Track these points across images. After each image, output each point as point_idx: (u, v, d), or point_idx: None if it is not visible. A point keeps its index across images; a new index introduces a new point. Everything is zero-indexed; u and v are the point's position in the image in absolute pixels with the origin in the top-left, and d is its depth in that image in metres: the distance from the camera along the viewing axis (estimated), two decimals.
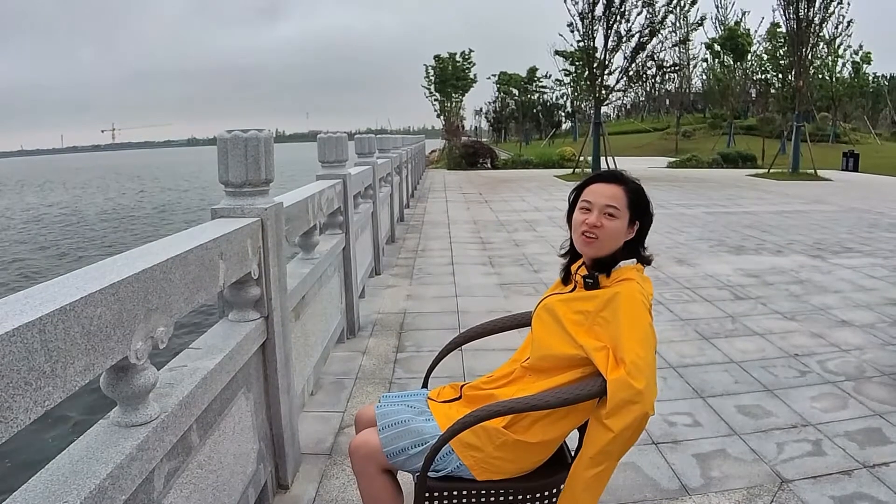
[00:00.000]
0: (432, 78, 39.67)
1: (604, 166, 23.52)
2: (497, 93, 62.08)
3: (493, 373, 2.12)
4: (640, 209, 1.95)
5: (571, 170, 25.05)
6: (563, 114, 63.86)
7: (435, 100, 40.03)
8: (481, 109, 72.92)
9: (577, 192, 2.02)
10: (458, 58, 39.46)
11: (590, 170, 23.74)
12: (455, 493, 1.87)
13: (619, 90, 26.06)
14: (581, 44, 24.42)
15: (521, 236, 9.67)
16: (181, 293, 1.81)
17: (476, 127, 72.37)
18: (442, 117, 40.22)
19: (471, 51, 39.67)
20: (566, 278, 2.08)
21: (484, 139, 56.07)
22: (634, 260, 1.98)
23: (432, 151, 39.02)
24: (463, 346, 2.50)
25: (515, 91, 57.83)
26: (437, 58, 39.62)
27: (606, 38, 23.73)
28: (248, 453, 2.51)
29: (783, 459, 2.93)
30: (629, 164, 26.60)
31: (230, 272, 2.23)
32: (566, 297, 1.98)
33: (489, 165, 30.16)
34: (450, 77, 38.94)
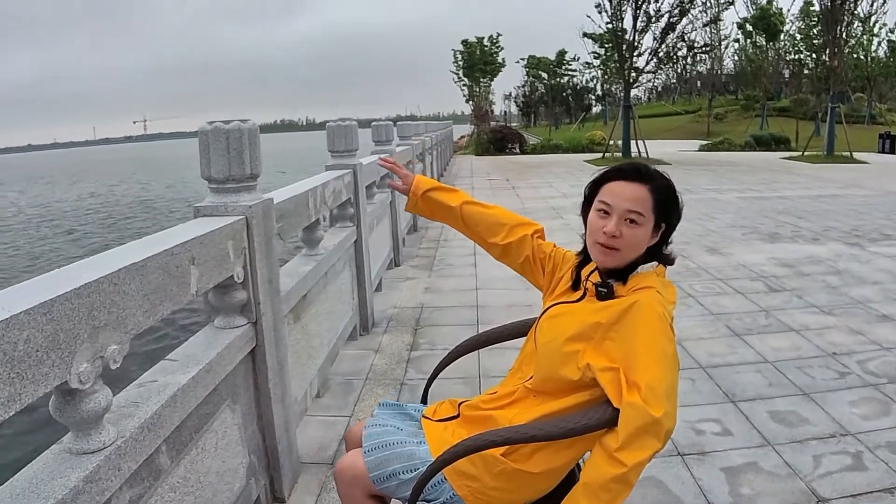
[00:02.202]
0: (460, 63, 39.61)
1: (634, 150, 23.09)
2: (526, 77, 61.64)
3: (497, 388, 1.91)
4: (667, 211, 1.72)
5: (601, 154, 24.66)
6: (593, 97, 63.18)
7: (463, 85, 39.93)
8: (510, 94, 72.48)
9: (594, 186, 1.78)
10: (485, 42, 39.30)
11: (619, 154, 23.34)
12: None
13: (648, 72, 25.63)
14: (609, 25, 23.96)
15: (546, 224, 9.35)
16: (139, 306, 1.68)
17: (505, 112, 71.93)
18: (471, 102, 40.08)
19: (498, 35, 39.51)
20: (576, 283, 1.85)
21: (513, 124, 55.79)
22: (655, 263, 1.75)
23: (461, 137, 38.93)
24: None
25: (544, 75, 57.39)
26: (464, 42, 39.49)
27: (635, 18, 23.35)
28: (236, 469, 2.39)
29: (820, 475, 2.72)
30: (659, 148, 26.09)
31: (205, 278, 2.10)
32: (574, 307, 1.78)
33: (518, 150, 30.02)
34: (478, 62, 38.82)
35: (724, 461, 2.84)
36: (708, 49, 35.03)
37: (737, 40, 48.50)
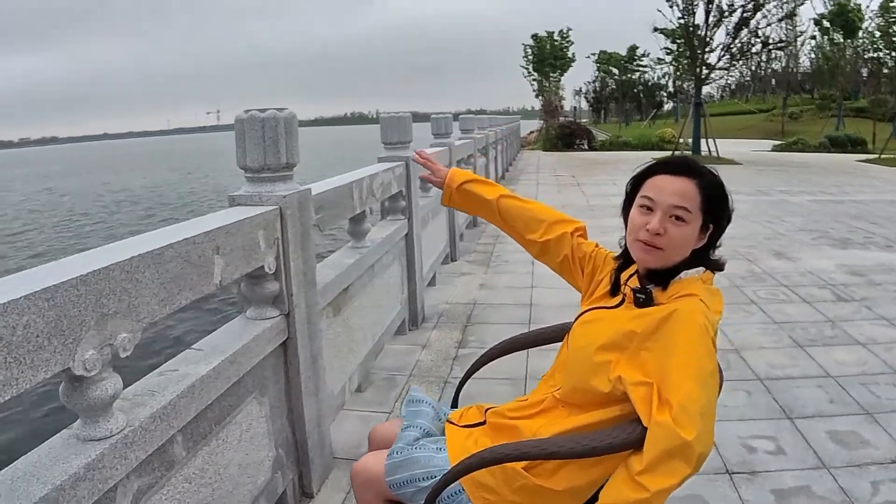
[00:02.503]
0: (530, 58, 39.38)
1: (704, 149, 22.40)
2: (597, 72, 60.79)
3: (529, 396, 1.81)
4: (716, 210, 1.59)
5: (670, 152, 24.04)
6: (664, 94, 61.78)
7: (533, 80, 39.72)
8: (581, 89, 71.57)
9: (636, 181, 1.67)
10: (555, 36, 38.96)
11: (689, 152, 22.68)
12: None
13: (721, 68, 24.76)
14: (681, 20, 23.29)
15: (608, 223, 9.20)
16: (154, 294, 1.67)
17: (575, 107, 71.16)
18: (540, 97, 39.83)
19: (569, 29, 39.14)
20: (614, 288, 1.73)
21: (583, 120, 55.14)
22: (701, 269, 1.61)
23: (531, 132, 38.71)
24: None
25: (615, 70, 56.50)
26: (534, 37, 39.25)
27: (707, 12, 22.64)
28: (261, 462, 2.37)
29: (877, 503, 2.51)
30: (731, 147, 25.26)
31: (231, 268, 2.08)
32: (609, 314, 1.66)
33: (586, 147, 29.76)
34: (548, 56, 38.58)
35: (775, 482, 2.66)
36: (783, 45, 33.77)
37: (813, 37, 46.51)
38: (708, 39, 23.09)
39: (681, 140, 24.41)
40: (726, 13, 22.50)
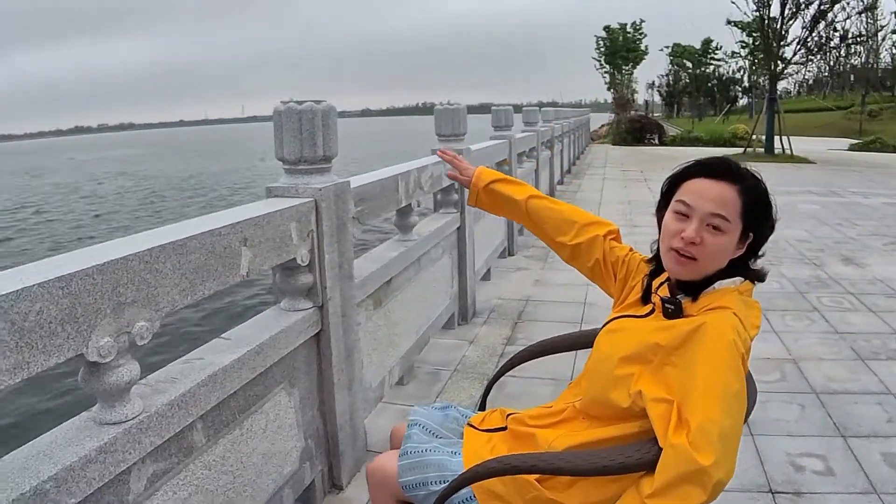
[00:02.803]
0: (602, 50, 38.78)
1: (777, 146, 21.56)
2: (670, 65, 59.31)
3: (553, 403, 1.76)
4: (757, 218, 1.49)
5: (742, 149, 23.22)
6: (739, 89, 59.73)
7: (605, 72, 39.09)
8: (654, 83, 69.95)
9: (673, 182, 1.58)
10: (628, 28, 38.20)
11: (762, 150, 21.88)
12: None
13: (797, 63, 23.76)
14: (756, 13, 22.49)
15: None
16: (175, 284, 1.72)
17: (647, 101, 69.64)
18: (612, 90, 39.18)
19: (641, 21, 38.31)
20: (646, 296, 1.65)
21: (656, 114, 53.91)
22: (739, 279, 1.52)
23: (602, 126, 38.16)
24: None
25: (689, 64, 55.01)
26: (607, 28, 38.56)
27: (783, 5, 21.67)
28: (288, 452, 2.42)
29: None
30: (805, 145, 24.25)
31: (259, 259, 2.12)
32: (637, 323, 1.59)
33: (656, 141, 29.14)
34: (620, 48, 37.88)
35: None
36: (862, 40, 32.15)
37: (895, 32, 43.97)
38: (783, 33, 22.21)
39: (754, 137, 23.58)
40: (803, 5, 21.62)
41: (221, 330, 2.28)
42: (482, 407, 2.13)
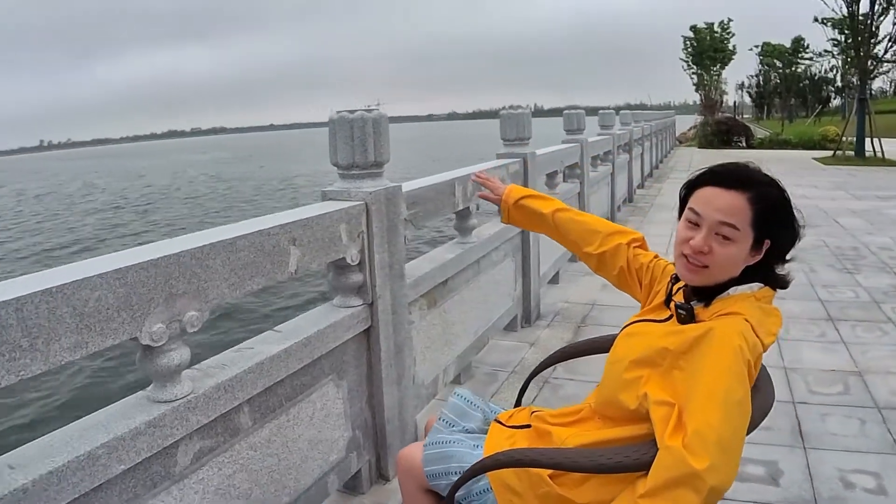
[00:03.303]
0: (690, 50, 37.79)
1: (868, 149, 20.38)
2: (760, 65, 56.95)
3: (583, 404, 1.80)
4: (771, 226, 1.50)
5: (832, 152, 22.05)
6: (832, 89, 56.56)
7: (693, 73, 38.02)
8: (743, 84, 67.27)
9: (688, 189, 1.60)
10: (715, 28, 37.03)
11: (852, 153, 20.77)
12: None
13: (889, 61, 22.35)
14: (848, 9, 21.37)
15: None
16: (224, 279, 1.91)
17: (736, 102, 67.07)
18: (701, 91, 38.08)
19: (729, 20, 36.97)
20: (668, 300, 1.69)
21: (745, 116, 51.89)
22: (757, 285, 1.53)
23: (690, 128, 37.15)
24: None
25: (779, 63, 52.68)
26: (693, 28, 37.53)
27: (873, 1, 20.40)
28: (335, 440, 2.59)
29: None
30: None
31: (308, 258, 2.29)
32: (654, 328, 1.63)
33: (743, 144, 28.21)
34: (707, 49, 36.72)
35: None
36: None
37: None
38: (874, 29, 20.99)
39: (844, 139, 22.40)
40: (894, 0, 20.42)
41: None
42: (518, 405, 2.22)
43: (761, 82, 62.02)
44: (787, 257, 1.58)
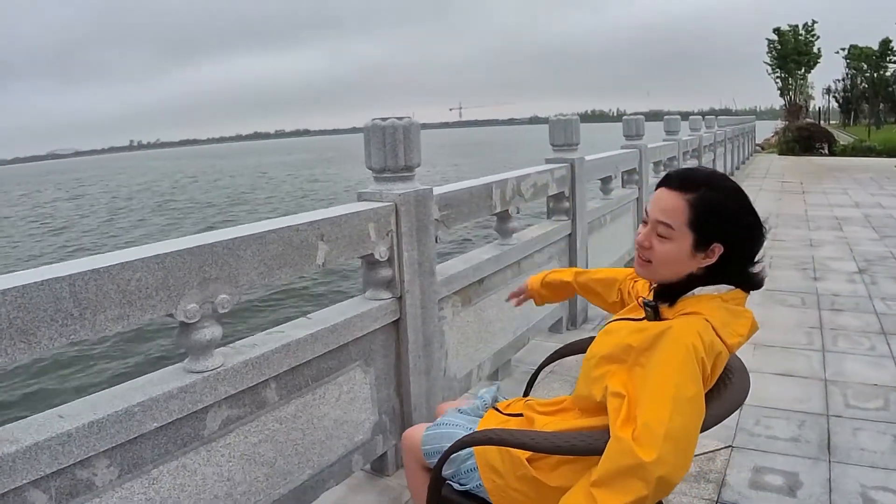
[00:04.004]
0: (773, 54, 36.63)
1: None
2: (846, 69, 54.42)
3: (566, 396, 1.92)
4: (714, 228, 1.58)
5: None
6: None
7: (776, 77, 36.82)
8: (830, 88, 64.31)
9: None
10: (800, 30, 35.71)
11: None
12: None
13: None
14: None
15: (820, 235, 8.58)
16: (254, 268, 2.19)
17: (822, 108, 64.19)
18: (785, 96, 36.84)
19: (814, 22, 35.55)
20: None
21: (832, 122, 49.69)
22: (725, 287, 1.62)
23: (773, 134, 36.05)
24: None
25: (866, 67, 50.24)
26: (776, 31, 36.32)
27: None
28: (361, 422, 2.84)
29: None
30: None
31: (335, 253, 2.55)
32: (625, 325, 1.73)
33: (826, 151, 27.22)
34: (790, 52, 35.46)
35: None
36: None
37: None
38: None
39: None
40: None
41: None
42: (526, 394, 2.41)
43: (848, 87, 59.43)
44: (756, 259, 1.66)
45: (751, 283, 1.67)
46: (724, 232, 1.59)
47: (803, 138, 28.24)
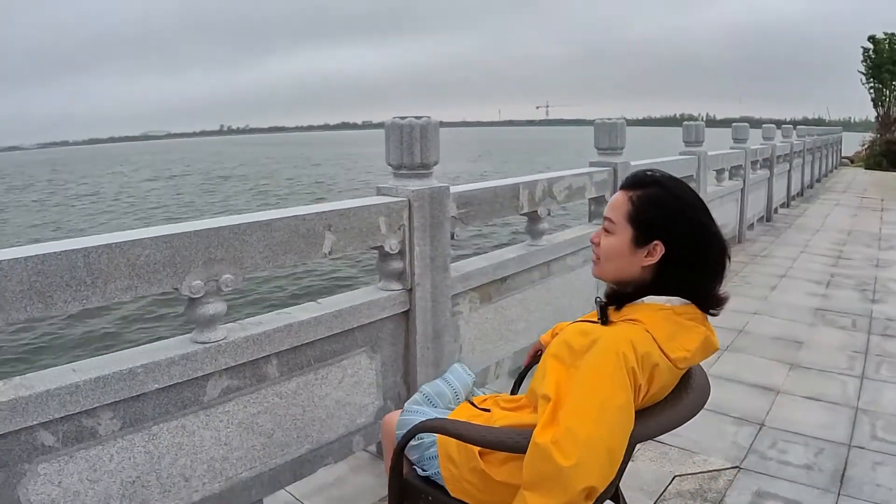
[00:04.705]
0: (868, 63, 34.90)
1: None
2: None
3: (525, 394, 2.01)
4: (651, 223, 1.64)
5: None
6: None
7: (871, 88, 35.09)
8: None
9: None
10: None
11: None
12: (430, 498, 1.93)
13: None
14: None
15: (889, 256, 8.34)
16: (259, 252, 2.45)
17: None
18: (879, 108, 35.09)
19: None
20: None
21: None
22: (678, 300, 1.65)
23: (863, 147, 34.53)
24: None
25: None
26: (871, 39, 34.56)
27: None
28: (364, 406, 3.07)
29: None
30: None
31: (343, 243, 2.79)
32: (574, 326, 1.77)
33: None
34: (885, 61, 33.64)
35: None
36: None
37: None
38: None
39: None
40: None
41: None
42: (514, 392, 2.57)
43: None
44: (709, 270, 1.68)
45: (707, 300, 1.68)
46: (663, 229, 1.63)
47: (892, 152, 26.96)
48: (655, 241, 1.64)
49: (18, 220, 24.49)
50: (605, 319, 1.69)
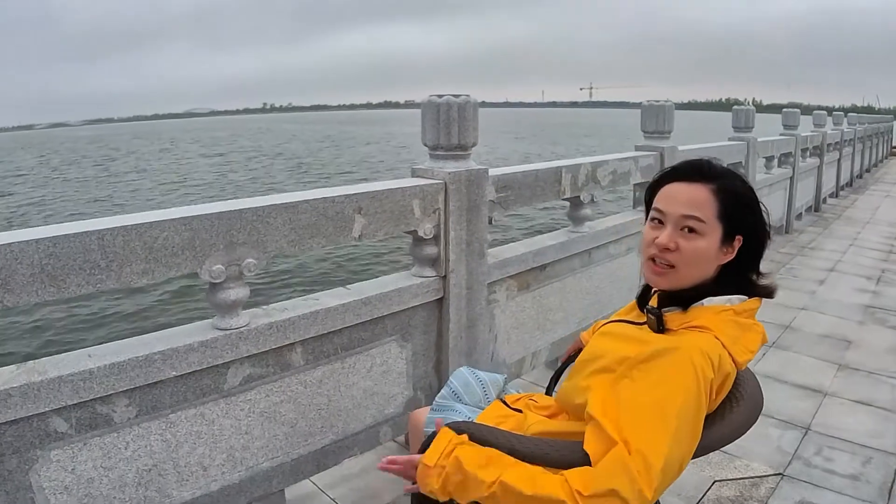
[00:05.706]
0: None
1: None
2: None
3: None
4: (739, 218, 1.51)
5: None
6: None
7: None
8: None
9: (651, 191, 1.62)
10: None
11: None
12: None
13: None
14: None
15: None
16: (284, 235, 2.35)
17: None
18: None
19: None
20: (641, 301, 1.71)
21: None
22: (736, 298, 1.52)
23: None
24: None
25: None
26: None
27: None
28: (393, 395, 2.97)
29: None
30: None
31: (374, 227, 2.67)
32: (626, 331, 1.63)
33: None
34: None
35: None
36: None
37: None
38: None
39: None
40: None
41: None
42: (548, 392, 2.45)
43: None
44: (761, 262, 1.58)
45: (764, 289, 1.58)
46: (747, 222, 1.52)
47: None
48: (738, 237, 1.51)
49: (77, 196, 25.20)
50: (662, 328, 1.54)
